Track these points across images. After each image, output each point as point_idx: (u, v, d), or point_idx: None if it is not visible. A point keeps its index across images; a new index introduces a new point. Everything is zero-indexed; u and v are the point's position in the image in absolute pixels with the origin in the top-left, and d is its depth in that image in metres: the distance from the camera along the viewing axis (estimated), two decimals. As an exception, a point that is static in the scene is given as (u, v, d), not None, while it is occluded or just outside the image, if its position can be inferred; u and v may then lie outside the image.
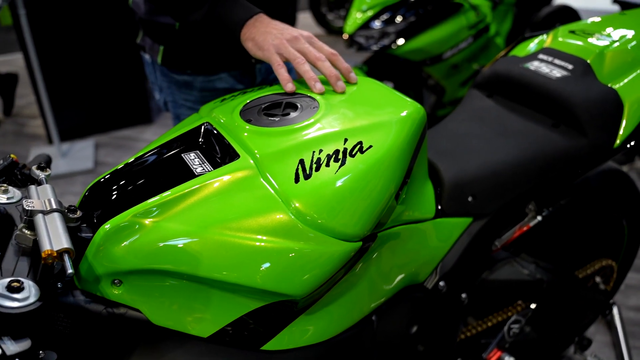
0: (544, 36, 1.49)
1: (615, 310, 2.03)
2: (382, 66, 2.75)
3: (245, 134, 0.89)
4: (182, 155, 0.92)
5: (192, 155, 0.91)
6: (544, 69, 1.30)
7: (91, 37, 3.49)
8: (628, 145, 1.24)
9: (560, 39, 1.39)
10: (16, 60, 4.77)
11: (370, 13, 2.62)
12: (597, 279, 1.65)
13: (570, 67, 1.29)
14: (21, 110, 4.14)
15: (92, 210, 0.87)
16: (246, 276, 0.78)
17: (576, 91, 1.22)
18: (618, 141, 1.22)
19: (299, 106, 0.95)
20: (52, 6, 3.32)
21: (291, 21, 1.38)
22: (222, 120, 0.95)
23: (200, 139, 0.95)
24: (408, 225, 1.03)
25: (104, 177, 0.92)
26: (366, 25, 2.64)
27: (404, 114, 0.94)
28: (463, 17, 2.64)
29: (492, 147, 1.20)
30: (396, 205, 0.96)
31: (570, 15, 3.49)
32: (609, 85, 1.26)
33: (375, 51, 2.66)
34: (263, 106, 0.96)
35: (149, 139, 3.64)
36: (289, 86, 1.00)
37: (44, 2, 3.28)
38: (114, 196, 0.87)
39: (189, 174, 0.86)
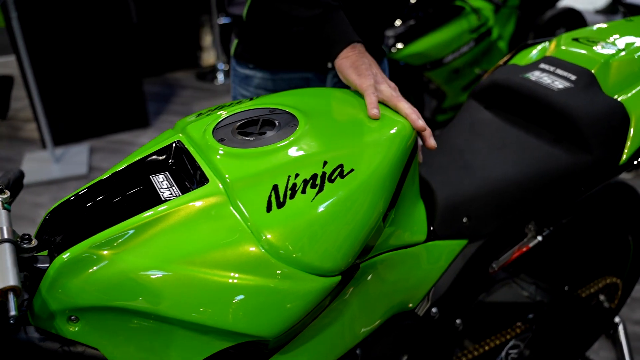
0: (546, 44, 1.41)
1: (620, 327, 1.95)
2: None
3: (217, 155, 0.82)
4: (151, 177, 0.85)
5: (161, 177, 0.85)
6: (546, 79, 1.22)
7: (86, 39, 3.43)
8: (635, 162, 1.16)
9: (563, 48, 1.32)
10: (12, 62, 4.72)
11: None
12: (601, 297, 1.57)
13: (573, 77, 1.21)
14: (16, 113, 4.08)
15: (51, 237, 0.80)
16: (212, 316, 0.71)
17: (579, 104, 1.14)
18: (624, 157, 1.14)
19: (277, 124, 0.88)
20: (46, 8, 3.26)
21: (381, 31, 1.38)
22: (194, 139, 0.88)
23: (170, 160, 0.88)
24: (397, 251, 0.96)
25: (67, 200, 0.85)
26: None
27: (391, 133, 0.87)
28: (464, 20, 2.56)
29: (489, 164, 1.13)
30: (384, 227, 0.89)
31: (575, 18, 3.41)
32: (615, 97, 1.18)
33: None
34: (238, 124, 0.89)
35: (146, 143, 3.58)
36: (374, 112, 0.91)
37: (37, 3, 3.22)
38: (75, 222, 0.80)
39: (156, 199, 0.79)
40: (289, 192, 0.75)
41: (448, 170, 1.12)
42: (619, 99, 1.18)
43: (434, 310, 1.06)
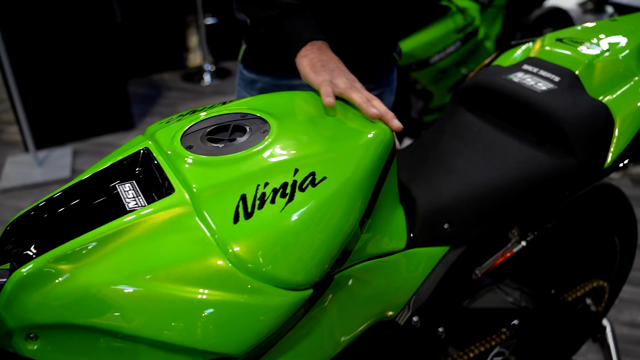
0: (530, 44, 1.39)
1: (608, 329, 1.93)
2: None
3: (184, 163, 0.79)
4: (117, 186, 0.81)
5: (127, 186, 0.81)
6: (529, 80, 1.20)
7: (68, 39, 3.37)
8: (620, 165, 1.14)
9: (546, 48, 1.29)
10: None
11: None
12: (588, 301, 1.55)
13: (556, 79, 1.18)
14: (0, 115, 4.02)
15: (12, 249, 0.76)
16: (178, 333, 0.68)
17: (563, 106, 1.12)
18: (609, 160, 1.12)
19: (248, 130, 0.84)
20: (26, 8, 3.20)
21: (389, 37, 1.33)
22: (162, 146, 0.85)
23: (138, 168, 0.85)
24: (375, 259, 0.93)
25: (30, 210, 0.82)
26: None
27: (367, 138, 0.84)
28: (450, 20, 2.54)
29: (472, 168, 1.10)
30: (361, 234, 0.86)
31: (562, 17, 3.39)
32: (599, 98, 1.16)
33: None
34: (208, 129, 0.86)
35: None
36: (328, 99, 0.89)
37: (17, 4, 3.17)
38: (36, 234, 0.76)
39: (121, 209, 0.76)
40: (257, 202, 0.72)
41: (429, 175, 1.09)
42: (603, 101, 1.15)
43: (415, 319, 1.03)
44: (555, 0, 5.18)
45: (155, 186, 0.80)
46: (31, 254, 0.71)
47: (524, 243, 1.17)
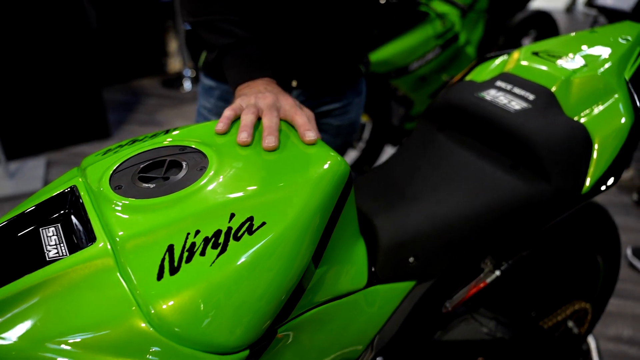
0: (506, 56, 1.31)
1: (592, 345, 1.87)
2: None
3: (110, 206, 0.70)
4: (41, 230, 0.73)
5: (52, 230, 0.73)
6: (502, 99, 1.12)
7: (40, 45, 3.26)
8: (602, 188, 1.06)
9: (522, 63, 1.22)
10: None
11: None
12: (570, 324, 1.48)
13: (531, 97, 1.11)
14: (-28, 124, 3.90)
15: None
16: None
17: (537, 127, 1.05)
18: (587, 185, 1.04)
19: (184, 166, 0.76)
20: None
21: (356, 49, 1.28)
22: (90, 184, 0.76)
23: (65, 209, 0.76)
24: (331, 302, 0.85)
25: None
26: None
27: (317, 172, 0.76)
28: (429, 26, 2.46)
29: (440, 195, 1.02)
30: (314, 269, 0.78)
31: (546, 21, 3.33)
32: (576, 118, 1.08)
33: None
34: (142, 166, 0.77)
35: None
36: (220, 125, 0.85)
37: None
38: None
39: (40, 260, 0.67)
40: (185, 255, 0.64)
41: (393, 203, 1.01)
42: (581, 120, 1.08)
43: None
44: (538, 2, 5.14)
45: (80, 232, 0.71)
46: None
47: (498, 273, 1.10)
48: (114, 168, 0.78)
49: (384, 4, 2.42)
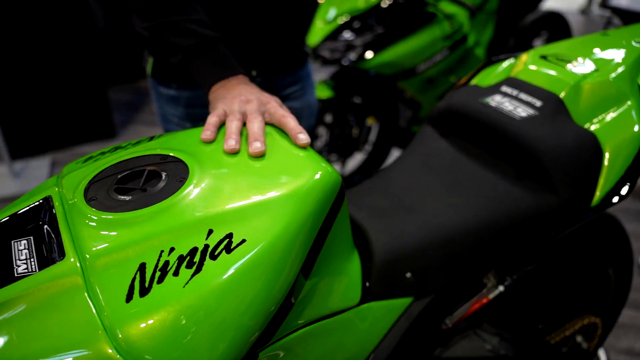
0: (513, 60, 1.26)
1: (603, 358, 1.81)
2: (351, 80, 2.51)
3: (83, 220, 0.66)
4: (13, 242, 0.69)
5: (23, 243, 0.68)
6: (507, 105, 1.07)
7: (45, 45, 3.24)
8: (613, 201, 1.00)
9: (529, 67, 1.16)
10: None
11: (335, 23, 2.39)
12: (579, 339, 1.42)
13: (538, 103, 1.06)
14: (-22, 123, 3.90)
15: None
16: None
17: (544, 135, 0.99)
18: (596, 197, 0.99)
19: (164, 177, 0.72)
20: (1, 10, 3.08)
21: (303, 31, 1.33)
22: (64, 195, 0.72)
23: (39, 221, 0.72)
24: (321, 321, 0.80)
25: None
26: (332, 36, 2.40)
27: (306, 183, 0.71)
28: (437, 27, 2.40)
29: (440, 205, 0.97)
30: (304, 281, 0.73)
31: (558, 22, 3.25)
32: (586, 126, 1.03)
33: (343, 65, 2.43)
34: (119, 176, 0.73)
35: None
36: (207, 133, 0.81)
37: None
38: None
39: (9, 275, 0.63)
40: (157, 274, 0.59)
41: (390, 214, 0.96)
42: (590, 128, 1.02)
43: (374, 380, 0.91)
44: (551, 3, 5.05)
45: (52, 246, 0.67)
46: None
47: (501, 288, 1.04)
48: (91, 178, 0.74)
49: (391, 5, 2.37)
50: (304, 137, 0.81)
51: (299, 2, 1.24)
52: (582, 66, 1.11)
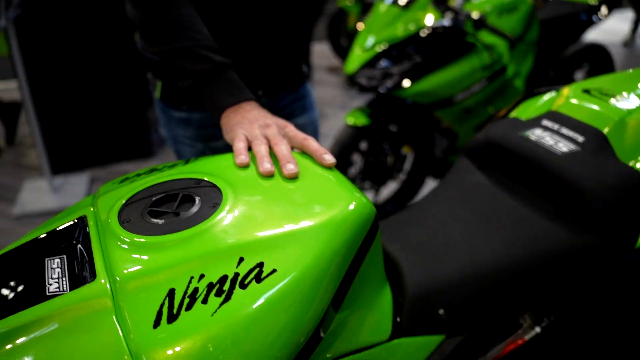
0: (554, 93, 1.23)
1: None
2: (387, 108, 2.50)
3: (115, 242, 0.67)
4: (46, 260, 0.70)
5: (57, 262, 0.69)
6: (548, 139, 1.04)
7: (89, 65, 3.35)
8: None
9: (571, 101, 1.13)
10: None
11: (373, 51, 2.39)
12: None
13: (580, 139, 1.03)
14: (24, 139, 4.03)
15: None
16: None
17: (586, 172, 0.96)
18: None
19: (197, 201, 0.72)
20: (47, 33, 3.20)
21: (304, 51, 1.39)
22: (99, 216, 0.73)
23: (73, 239, 0.73)
24: (349, 356, 0.78)
25: None
26: (370, 63, 2.41)
27: (340, 213, 0.70)
28: (476, 57, 2.38)
29: (476, 241, 0.95)
30: (334, 314, 0.72)
31: (600, 55, 3.19)
32: (631, 164, 0.99)
33: (380, 93, 2.43)
34: (154, 199, 0.73)
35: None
36: (242, 158, 0.82)
37: (38, 28, 3.17)
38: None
39: (40, 294, 0.64)
40: (186, 301, 0.59)
41: (425, 248, 0.94)
42: (636, 166, 0.99)
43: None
44: (593, 35, 4.97)
45: (84, 266, 0.68)
46: None
47: (538, 329, 1.00)
48: (126, 199, 0.74)
49: (430, 34, 2.37)
50: (329, 158, 0.81)
51: (300, 22, 1.29)
52: (626, 101, 1.08)
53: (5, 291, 0.66)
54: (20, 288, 0.66)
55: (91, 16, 3.24)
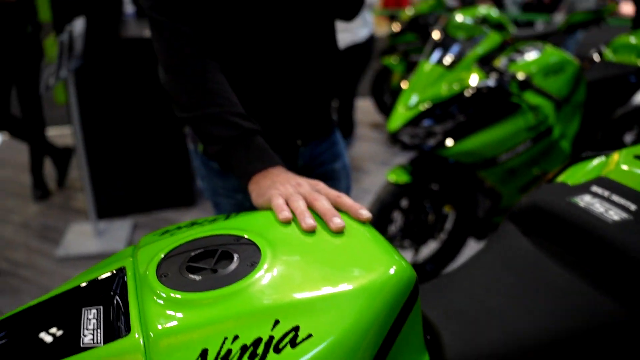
0: (604, 158, 1.20)
1: None
2: (429, 167, 2.49)
3: (152, 296, 0.67)
4: (83, 310, 0.70)
5: (93, 312, 0.70)
6: (598, 207, 1.01)
7: (139, 117, 3.50)
8: None
9: (622, 167, 1.10)
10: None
11: (417, 109, 2.40)
12: None
13: (632, 207, 0.99)
14: (73, 182, 4.18)
15: None
16: None
17: (638, 242, 0.92)
18: None
19: (236, 259, 0.71)
20: (103, 84, 3.36)
21: (332, 97, 1.43)
22: (138, 268, 0.73)
23: (110, 291, 0.73)
24: None
25: None
26: (414, 122, 2.41)
27: (380, 277, 0.68)
28: (521, 118, 2.36)
29: (519, 310, 0.91)
30: None
31: (650, 118, 3.12)
32: (687, 235, 0.94)
33: (422, 151, 2.42)
34: (192, 254, 0.73)
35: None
36: (284, 214, 0.83)
37: (95, 81, 3.33)
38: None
39: (74, 345, 0.64)
40: (218, 363, 0.57)
41: (465, 317, 0.90)
42: (692, 238, 0.94)
43: None
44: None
45: (119, 318, 0.68)
46: None
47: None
48: (166, 253, 0.75)
49: (475, 94, 2.37)
50: (365, 213, 0.82)
51: (328, 70, 1.33)
52: (682, 170, 1.04)
53: (43, 338, 0.67)
54: (57, 336, 0.67)
55: (144, 68, 3.38)
